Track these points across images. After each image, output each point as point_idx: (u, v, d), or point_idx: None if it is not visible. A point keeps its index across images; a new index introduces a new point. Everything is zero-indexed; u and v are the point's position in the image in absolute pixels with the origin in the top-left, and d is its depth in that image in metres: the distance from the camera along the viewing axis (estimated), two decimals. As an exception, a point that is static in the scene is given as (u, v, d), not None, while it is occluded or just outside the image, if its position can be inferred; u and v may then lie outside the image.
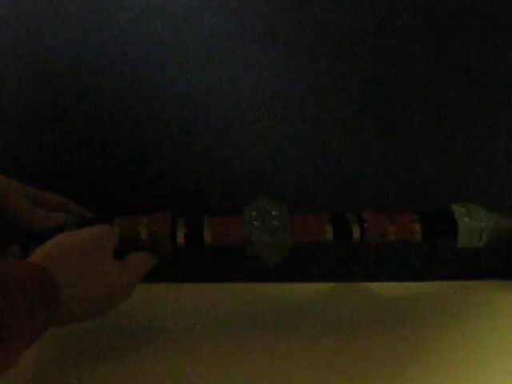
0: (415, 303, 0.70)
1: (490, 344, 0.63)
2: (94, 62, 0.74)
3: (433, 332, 0.65)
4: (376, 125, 0.73)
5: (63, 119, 0.75)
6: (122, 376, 0.60)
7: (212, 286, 0.74)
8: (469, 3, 0.70)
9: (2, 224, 0.64)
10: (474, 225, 0.66)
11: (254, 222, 0.65)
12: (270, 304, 0.71)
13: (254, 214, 0.66)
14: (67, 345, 0.65)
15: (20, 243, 0.66)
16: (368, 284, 0.74)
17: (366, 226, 0.66)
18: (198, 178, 0.76)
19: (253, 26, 0.72)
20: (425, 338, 0.64)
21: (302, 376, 0.59)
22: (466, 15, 0.70)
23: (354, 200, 0.74)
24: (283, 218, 0.66)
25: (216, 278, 0.75)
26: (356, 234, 0.66)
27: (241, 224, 0.66)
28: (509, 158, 0.74)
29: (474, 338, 0.64)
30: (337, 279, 0.75)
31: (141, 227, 0.65)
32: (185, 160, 0.75)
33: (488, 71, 0.72)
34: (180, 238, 0.66)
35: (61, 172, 0.76)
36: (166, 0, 0.72)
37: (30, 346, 0.51)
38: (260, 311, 0.70)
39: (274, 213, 0.66)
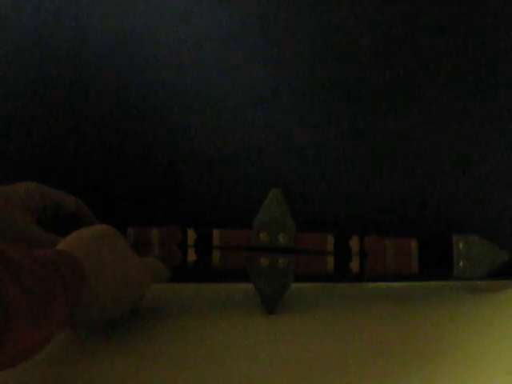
0: (415, 303, 0.72)
1: (490, 344, 0.62)
2: (94, 65, 0.75)
3: (432, 332, 0.65)
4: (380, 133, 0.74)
5: (71, 127, 0.77)
6: (122, 376, 0.61)
7: (212, 286, 0.77)
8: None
9: None
10: (468, 272, 0.71)
11: (262, 260, 0.71)
12: None
13: (262, 235, 0.71)
14: (67, 344, 0.67)
15: None
16: (368, 284, 0.76)
17: (366, 262, 0.71)
18: (203, 187, 0.78)
19: (252, 26, 0.72)
20: (424, 337, 0.64)
21: (300, 376, 0.60)
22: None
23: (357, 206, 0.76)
24: (290, 244, 0.71)
25: (216, 278, 0.77)
26: (355, 270, 0.71)
27: (248, 258, 0.71)
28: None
29: (473, 337, 0.64)
30: (337, 279, 0.76)
31: (152, 251, 0.72)
32: (192, 168, 0.77)
33: (493, 72, 0.72)
34: (191, 259, 0.72)
35: (70, 182, 0.78)
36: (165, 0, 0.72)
37: (65, 327, 0.54)
38: (259, 311, 0.72)
39: (281, 240, 0.71)
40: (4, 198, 0.67)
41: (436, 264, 0.72)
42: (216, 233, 0.72)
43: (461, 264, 0.71)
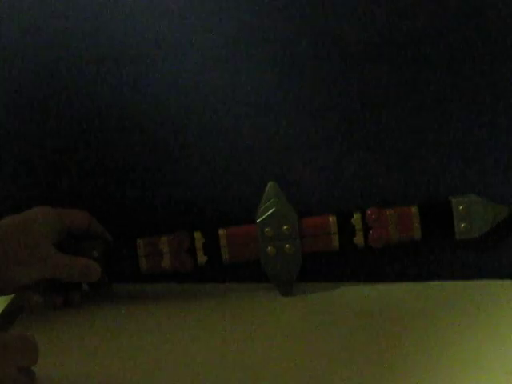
0: (415, 303, 0.72)
1: (490, 344, 0.62)
2: (93, 65, 0.77)
3: (432, 332, 0.65)
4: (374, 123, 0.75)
5: (69, 134, 0.79)
6: (121, 376, 0.62)
7: (212, 287, 0.78)
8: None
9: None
10: (470, 232, 0.72)
11: (269, 249, 0.73)
12: (270, 304, 0.74)
13: (267, 230, 0.73)
14: (65, 344, 0.68)
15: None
16: (368, 284, 0.76)
17: (370, 236, 0.73)
18: (203, 182, 0.78)
19: (251, 26, 0.74)
20: (424, 337, 0.64)
21: (299, 376, 0.60)
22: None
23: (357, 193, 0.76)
24: (294, 234, 0.73)
25: (216, 278, 0.78)
26: (361, 245, 0.73)
27: (256, 249, 0.74)
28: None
29: (473, 337, 0.63)
30: (337, 279, 0.77)
31: (163, 259, 0.74)
32: (191, 165, 0.78)
33: (488, 63, 0.72)
34: (201, 260, 0.74)
35: (75, 192, 0.80)
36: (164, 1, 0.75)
37: None
38: (259, 311, 0.73)
39: (286, 232, 0.73)
40: (24, 228, 0.70)
41: (438, 228, 0.73)
42: (222, 233, 0.74)
43: (462, 226, 0.72)
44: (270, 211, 0.74)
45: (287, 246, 0.73)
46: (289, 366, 0.62)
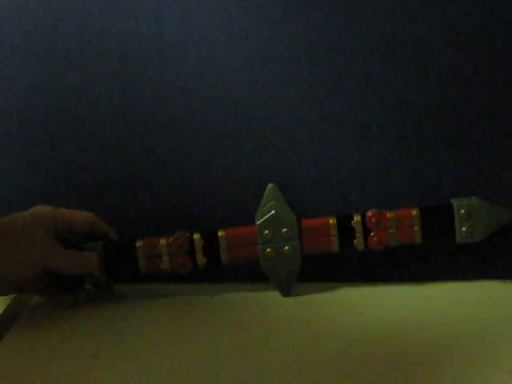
0: (415, 303, 0.72)
1: (490, 344, 0.62)
2: (95, 64, 0.77)
3: (432, 332, 0.65)
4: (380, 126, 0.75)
5: (72, 133, 0.80)
6: (121, 376, 0.62)
7: (212, 287, 0.78)
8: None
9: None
10: (472, 236, 0.71)
11: (268, 250, 0.73)
12: (270, 304, 0.74)
13: (266, 232, 0.73)
14: (64, 343, 0.68)
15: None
16: (368, 284, 0.76)
17: (370, 238, 0.72)
18: (204, 184, 0.79)
19: (252, 24, 0.74)
20: (424, 338, 0.64)
21: (299, 376, 0.60)
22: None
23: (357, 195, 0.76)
24: (293, 237, 0.73)
25: (215, 278, 0.78)
26: (360, 247, 0.73)
27: (256, 250, 0.73)
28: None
29: (473, 337, 0.63)
30: (337, 279, 0.77)
31: (162, 261, 0.74)
32: (192, 167, 0.78)
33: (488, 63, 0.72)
34: (200, 262, 0.74)
35: (75, 192, 0.81)
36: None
37: None
38: (260, 311, 0.73)
39: (285, 235, 0.73)
40: (23, 222, 0.70)
41: (439, 232, 0.72)
42: (221, 234, 0.74)
43: (463, 229, 0.71)
44: (270, 213, 0.73)
45: (286, 248, 0.73)
46: (289, 366, 0.62)
